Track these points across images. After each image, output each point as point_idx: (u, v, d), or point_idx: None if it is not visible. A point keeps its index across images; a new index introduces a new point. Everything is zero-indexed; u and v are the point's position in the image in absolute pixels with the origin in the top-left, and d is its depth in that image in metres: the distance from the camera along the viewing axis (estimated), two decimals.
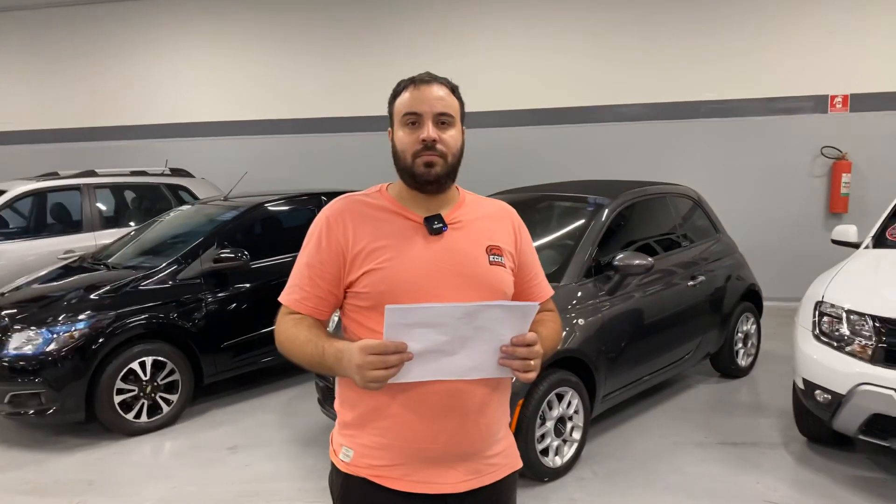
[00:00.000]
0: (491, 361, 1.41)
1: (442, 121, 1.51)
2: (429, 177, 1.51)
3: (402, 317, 1.32)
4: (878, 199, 7.16)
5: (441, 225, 1.54)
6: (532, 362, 1.42)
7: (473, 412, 1.51)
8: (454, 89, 1.57)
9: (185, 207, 6.05)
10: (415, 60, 8.53)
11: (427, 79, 1.53)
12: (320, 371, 1.50)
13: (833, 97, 7.42)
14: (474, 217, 1.61)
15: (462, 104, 1.58)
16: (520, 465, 1.68)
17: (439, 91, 1.52)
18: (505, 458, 1.62)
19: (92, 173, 6.90)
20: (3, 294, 4.79)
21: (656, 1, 7.83)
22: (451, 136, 1.53)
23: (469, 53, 8.38)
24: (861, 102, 7.35)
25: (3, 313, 4.39)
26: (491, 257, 1.56)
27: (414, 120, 1.51)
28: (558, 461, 3.65)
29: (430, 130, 1.49)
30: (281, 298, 1.59)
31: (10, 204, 6.44)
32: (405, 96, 1.53)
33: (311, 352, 1.46)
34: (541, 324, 1.61)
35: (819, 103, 7.48)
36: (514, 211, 1.72)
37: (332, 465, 1.60)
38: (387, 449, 1.50)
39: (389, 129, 1.59)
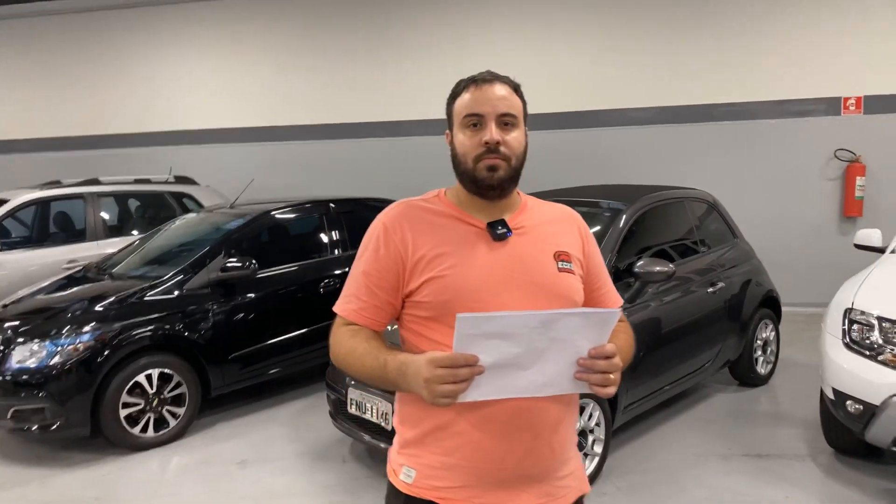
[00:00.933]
0: (566, 375, 1.31)
1: (505, 122, 1.44)
2: (491, 181, 1.43)
3: (474, 326, 1.22)
4: (893, 202, 7.06)
5: (505, 230, 1.45)
6: (612, 376, 1.32)
7: (547, 431, 1.41)
8: (516, 88, 1.49)
9: (190, 216, 5.95)
10: (422, 65, 8.45)
11: (489, 78, 1.47)
12: (381, 385, 1.41)
13: (846, 99, 7.32)
14: (539, 222, 1.52)
15: (525, 103, 1.50)
16: (588, 488, 1.57)
17: (502, 90, 1.45)
18: (575, 480, 1.52)
19: (95, 182, 6.81)
20: (5, 306, 4.69)
21: (668, 5, 7.74)
22: (515, 137, 1.45)
23: (479, 58, 8.28)
24: (875, 104, 7.24)
25: (5, 326, 4.28)
26: (559, 264, 1.47)
27: (476, 121, 1.43)
28: None
29: (493, 132, 1.41)
30: (336, 308, 1.50)
31: (12, 213, 6.34)
32: (465, 97, 1.45)
33: (372, 365, 1.38)
34: (615, 336, 1.49)
35: (832, 105, 7.37)
36: (578, 215, 1.62)
37: (390, 485, 1.51)
38: (453, 469, 1.40)
39: (448, 131, 1.51)
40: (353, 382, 3.70)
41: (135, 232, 6.75)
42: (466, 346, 1.23)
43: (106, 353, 4.09)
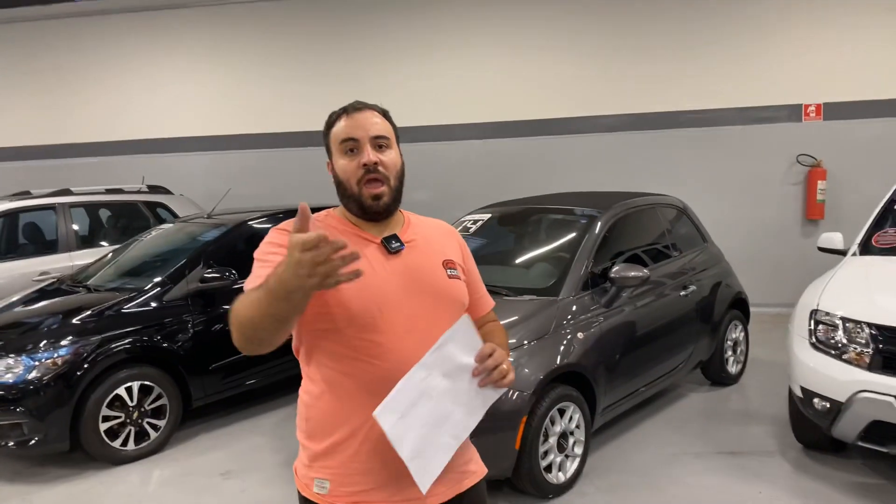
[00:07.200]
0: (476, 392, 1.48)
1: (379, 143, 1.55)
2: (378, 208, 1.55)
3: (394, 410, 1.36)
4: (853, 204, 7.33)
5: (399, 244, 1.58)
6: (503, 366, 1.49)
7: None
8: (385, 113, 1.62)
9: (166, 226, 5.91)
10: (395, 74, 8.50)
11: (359, 106, 1.59)
12: (272, 312, 1.24)
13: (807, 106, 7.59)
14: (425, 235, 1.67)
15: (395, 127, 1.62)
16: (486, 471, 1.73)
17: (373, 116, 1.57)
18: (476, 465, 1.69)
19: (67, 192, 6.71)
20: None
21: (636, 14, 7.94)
22: (391, 157, 1.56)
23: (449, 66, 8.39)
24: (834, 111, 7.52)
25: None
26: (448, 271, 1.62)
27: (352, 146, 1.54)
28: (562, 477, 3.61)
29: (370, 154, 1.52)
30: (245, 288, 1.39)
31: None
32: (340, 124, 1.57)
33: (257, 296, 1.25)
34: (491, 335, 1.70)
35: (793, 112, 7.63)
36: (455, 230, 1.81)
37: (303, 498, 1.56)
38: (367, 473, 1.49)
39: (328, 161, 1.61)
40: None
41: (104, 243, 6.67)
42: (404, 433, 1.37)
43: (85, 366, 4.06)
